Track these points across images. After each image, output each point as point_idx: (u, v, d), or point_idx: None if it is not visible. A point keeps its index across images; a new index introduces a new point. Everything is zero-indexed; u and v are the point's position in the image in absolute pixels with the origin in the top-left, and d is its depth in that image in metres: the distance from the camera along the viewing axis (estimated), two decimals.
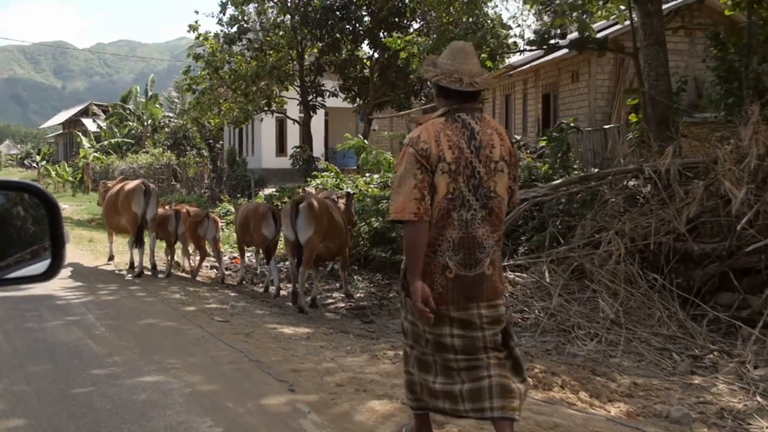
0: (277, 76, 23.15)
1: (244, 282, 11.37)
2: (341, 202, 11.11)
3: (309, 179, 19.11)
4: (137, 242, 10.87)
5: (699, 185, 8.60)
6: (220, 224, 13.04)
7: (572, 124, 13.25)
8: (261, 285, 11.29)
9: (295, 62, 24.71)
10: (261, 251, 11.50)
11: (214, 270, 12.71)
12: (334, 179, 17.46)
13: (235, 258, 13.81)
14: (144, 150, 35.96)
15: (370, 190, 16.81)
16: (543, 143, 13.63)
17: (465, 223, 3.58)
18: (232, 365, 5.70)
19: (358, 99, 24.79)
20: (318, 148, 30.09)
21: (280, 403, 4.79)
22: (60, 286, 9.50)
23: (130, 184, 11.29)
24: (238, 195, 23.15)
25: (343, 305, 9.79)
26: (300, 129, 34.05)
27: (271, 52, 24.30)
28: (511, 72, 26.42)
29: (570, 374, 6.18)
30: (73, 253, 13.12)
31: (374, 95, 23.65)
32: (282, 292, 10.00)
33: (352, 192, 12.93)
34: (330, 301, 10.19)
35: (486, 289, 3.65)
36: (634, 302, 8.21)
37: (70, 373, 5.43)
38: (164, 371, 5.49)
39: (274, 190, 21.51)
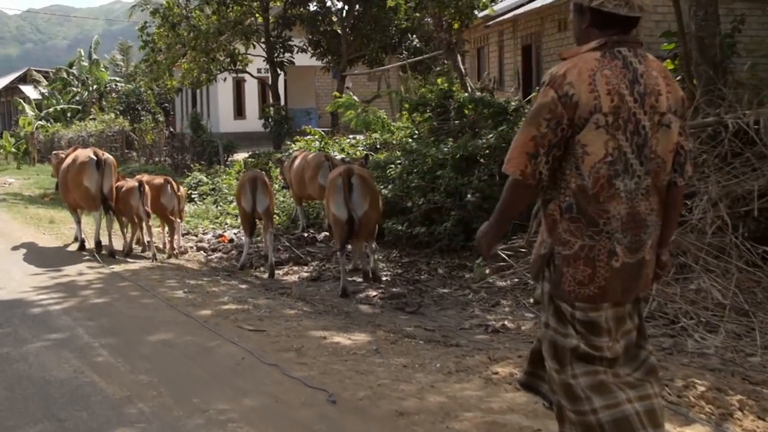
0: (242, 32, 21.06)
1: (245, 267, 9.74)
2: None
3: (289, 142, 17.36)
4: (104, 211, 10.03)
5: None
6: (182, 192, 11.39)
7: None
8: (263, 269, 9.65)
9: (257, 16, 22.59)
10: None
11: (202, 252, 10.99)
12: (320, 142, 15.73)
13: (221, 236, 12.06)
14: (91, 117, 33.39)
15: (358, 153, 15.18)
16: None
17: (630, 195, 2.85)
18: (309, 410, 4.07)
19: (327, 55, 22.85)
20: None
21: None
22: (30, 285, 7.67)
23: (81, 156, 10.14)
24: (203, 162, 21.18)
25: (375, 293, 8.19)
26: (259, 90, 32.04)
27: (233, 5, 22.09)
28: (489, 23, 24.72)
29: (732, 387, 4.77)
30: (35, 238, 11.21)
31: (347, 50, 21.78)
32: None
33: (368, 154, 11.39)
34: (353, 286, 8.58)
35: (643, 280, 2.96)
36: (743, 282, 6.85)
37: None
38: (218, 427, 3.84)
39: (247, 155, 19.52)
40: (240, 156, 20.59)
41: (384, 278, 9.01)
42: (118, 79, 39.57)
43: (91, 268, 8.76)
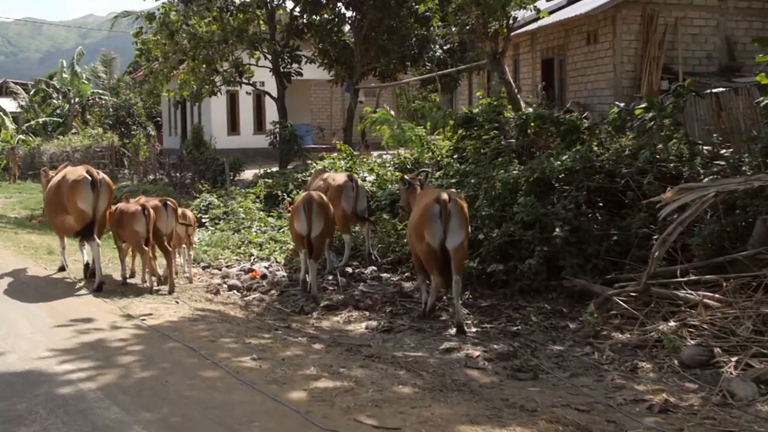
0: (249, 41, 19.38)
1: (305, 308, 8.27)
2: None
3: (311, 161, 15.71)
4: (87, 241, 9.11)
5: None
6: (190, 216, 9.95)
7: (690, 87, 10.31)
8: (316, 315, 8.05)
9: (261, 23, 20.93)
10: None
11: (235, 291, 9.32)
12: (349, 161, 14.12)
13: (251, 271, 10.37)
14: (73, 131, 31.48)
15: (389, 174, 13.62)
16: (639, 112, 10.62)
17: None
18: None
19: (335, 66, 21.20)
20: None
21: None
22: (47, 346, 5.93)
23: (73, 174, 9.28)
24: (203, 182, 19.40)
25: (477, 353, 6.57)
26: (254, 104, 30.36)
27: (237, 12, 20.43)
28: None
29: None
30: (35, 274, 9.47)
31: (361, 61, 20.19)
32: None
33: (428, 171, 9.95)
34: (440, 343, 6.96)
35: None
36: None
37: None
38: None
39: (259, 172, 17.71)
40: (247, 174, 18.88)
41: (474, 329, 7.45)
42: (101, 91, 37.62)
43: (119, 318, 7.02)
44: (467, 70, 19.17)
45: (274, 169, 18.68)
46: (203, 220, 13.79)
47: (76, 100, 35.78)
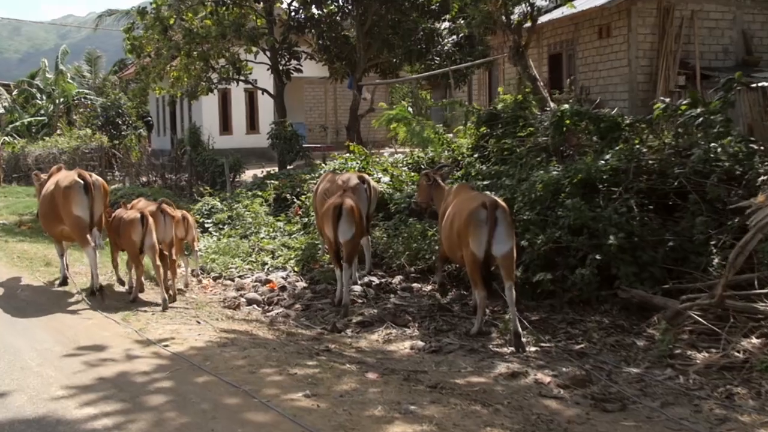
0: (248, 36, 18.44)
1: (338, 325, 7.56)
2: None
3: (318, 162, 14.86)
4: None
5: None
6: (191, 220, 9.65)
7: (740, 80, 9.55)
8: (351, 333, 7.26)
9: (255, 18, 20.01)
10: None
11: (255, 306, 8.50)
12: (362, 161, 13.29)
13: (269, 282, 9.54)
14: (58, 132, 30.39)
15: (404, 174, 12.83)
16: (684, 108, 9.85)
17: None
18: None
19: (335, 61, 20.29)
20: (264, 123, 25.84)
21: None
22: (61, 383, 5.04)
23: (65, 180, 8.79)
24: (201, 183, 18.51)
25: (548, 379, 5.78)
26: (246, 102, 29.44)
27: (233, 6, 19.46)
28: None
29: None
30: (33, 288, 8.58)
31: (365, 57, 19.31)
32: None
33: (446, 166, 9.29)
34: (500, 366, 6.18)
35: None
36: None
37: None
38: None
39: (260, 172, 16.81)
40: (248, 174, 17.96)
41: (533, 348, 6.68)
42: (86, 91, 36.48)
43: (136, 344, 6.15)
44: (480, 65, 18.37)
45: (272, 169, 17.77)
46: (206, 225, 12.93)
47: (61, 100, 34.67)
